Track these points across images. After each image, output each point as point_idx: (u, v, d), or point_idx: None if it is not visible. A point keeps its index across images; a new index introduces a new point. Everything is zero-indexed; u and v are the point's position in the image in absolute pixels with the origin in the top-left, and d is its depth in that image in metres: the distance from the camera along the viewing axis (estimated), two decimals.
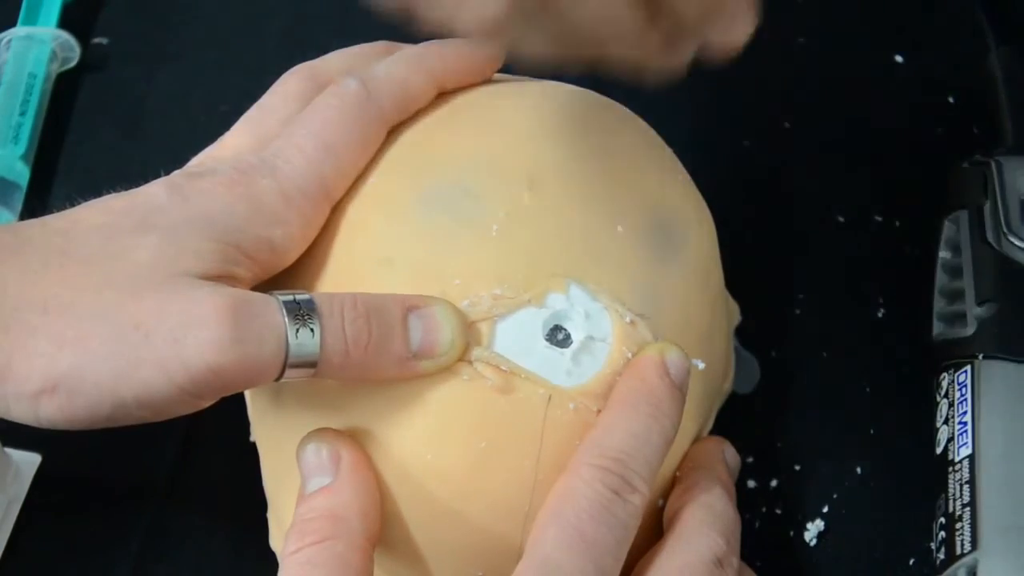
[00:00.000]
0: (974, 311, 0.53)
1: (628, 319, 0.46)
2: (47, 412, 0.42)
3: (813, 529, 0.53)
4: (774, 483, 0.54)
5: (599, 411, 0.45)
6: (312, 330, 0.42)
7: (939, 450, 0.52)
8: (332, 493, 0.44)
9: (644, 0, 0.37)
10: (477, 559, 0.45)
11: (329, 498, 0.44)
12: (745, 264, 0.54)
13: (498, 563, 0.44)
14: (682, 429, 0.46)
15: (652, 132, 0.51)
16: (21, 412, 0.43)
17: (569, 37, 0.38)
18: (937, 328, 0.55)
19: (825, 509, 0.54)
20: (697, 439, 0.49)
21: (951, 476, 0.51)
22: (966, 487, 0.50)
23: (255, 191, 0.45)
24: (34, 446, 0.52)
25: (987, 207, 0.55)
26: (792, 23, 0.65)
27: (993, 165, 0.56)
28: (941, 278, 0.56)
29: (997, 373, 0.51)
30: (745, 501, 0.52)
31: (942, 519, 0.50)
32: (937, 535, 0.50)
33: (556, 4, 0.37)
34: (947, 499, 0.50)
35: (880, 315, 0.59)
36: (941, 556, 0.50)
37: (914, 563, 0.53)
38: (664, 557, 0.45)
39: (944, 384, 0.53)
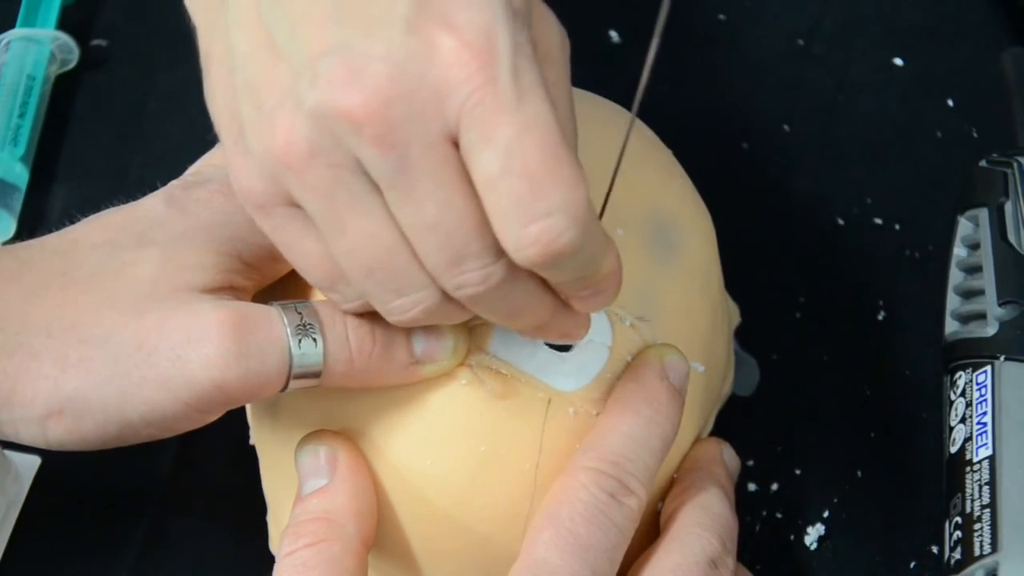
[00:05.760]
0: (995, 311, 0.52)
1: (628, 322, 0.46)
2: (55, 435, 0.42)
3: (813, 533, 0.53)
4: (774, 487, 0.54)
5: (599, 415, 0.44)
6: (315, 340, 0.42)
7: (954, 449, 0.51)
8: (328, 495, 0.44)
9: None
10: (475, 565, 0.45)
11: (324, 500, 0.44)
12: (745, 266, 0.54)
13: (497, 569, 0.44)
14: (681, 432, 0.46)
15: (651, 133, 0.51)
16: (30, 435, 0.43)
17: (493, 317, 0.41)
18: (951, 327, 0.54)
19: (826, 513, 0.54)
20: (696, 442, 0.49)
21: (968, 476, 0.50)
22: (986, 488, 0.49)
23: None
24: (34, 449, 0.51)
25: (1008, 207, 0.54)
26: (792, 25, 0.65)
27: (1015, 165, 0.55)
28: (956, 276, 0.55)
29: (1019, 374, 0.51)
30: (745, 505, 0.52)
31: (958, 519, 0.49)
32: (952, 535, 0.50)
33: (485, 300, 0.39)
34: (964, 499, 0.50)
35: (880, 317, 0.58)
36: (957, 556, 0.49)
37: (915, 567, 0.53)
38: (658, 558, 0.45)
39: (960, 383, 0.52)
